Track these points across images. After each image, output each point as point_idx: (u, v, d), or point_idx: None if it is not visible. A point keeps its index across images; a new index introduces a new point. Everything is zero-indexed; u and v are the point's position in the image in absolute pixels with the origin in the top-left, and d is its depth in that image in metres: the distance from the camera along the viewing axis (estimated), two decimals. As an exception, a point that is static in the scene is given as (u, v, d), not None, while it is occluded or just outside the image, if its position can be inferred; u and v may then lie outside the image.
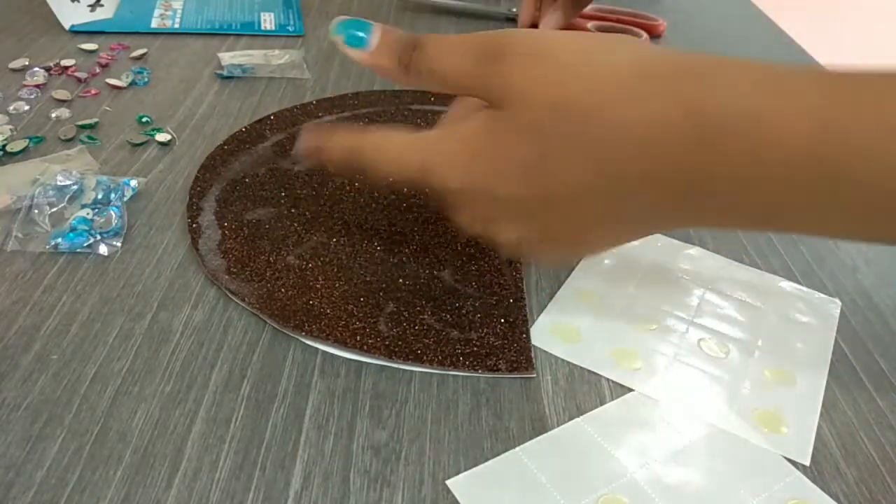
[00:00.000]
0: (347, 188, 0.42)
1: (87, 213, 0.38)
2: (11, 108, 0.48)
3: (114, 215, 0.37)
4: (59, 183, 0.39)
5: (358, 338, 0.32)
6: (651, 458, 0.28)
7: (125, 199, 0.39)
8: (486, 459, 0.28)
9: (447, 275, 0.37)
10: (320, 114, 0.50)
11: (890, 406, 0.32)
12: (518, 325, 0.34)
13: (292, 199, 0.41)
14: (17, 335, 0.32)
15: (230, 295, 0.34)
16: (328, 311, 0.33)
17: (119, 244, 0.37)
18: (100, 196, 0.39)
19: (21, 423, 0.28)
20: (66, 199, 0.39)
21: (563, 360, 0.32)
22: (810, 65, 0.27)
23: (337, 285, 0.35)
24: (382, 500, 0.26)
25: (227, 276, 0.35)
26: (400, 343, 0.32)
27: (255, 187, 0.42)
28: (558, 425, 0.29)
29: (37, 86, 0.51)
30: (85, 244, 0.36)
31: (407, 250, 0.38)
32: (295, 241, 0.38)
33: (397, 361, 0.31)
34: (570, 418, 0.30)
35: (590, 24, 0.67)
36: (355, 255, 0.37)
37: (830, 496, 0.27)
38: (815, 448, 0.29)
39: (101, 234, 0.37)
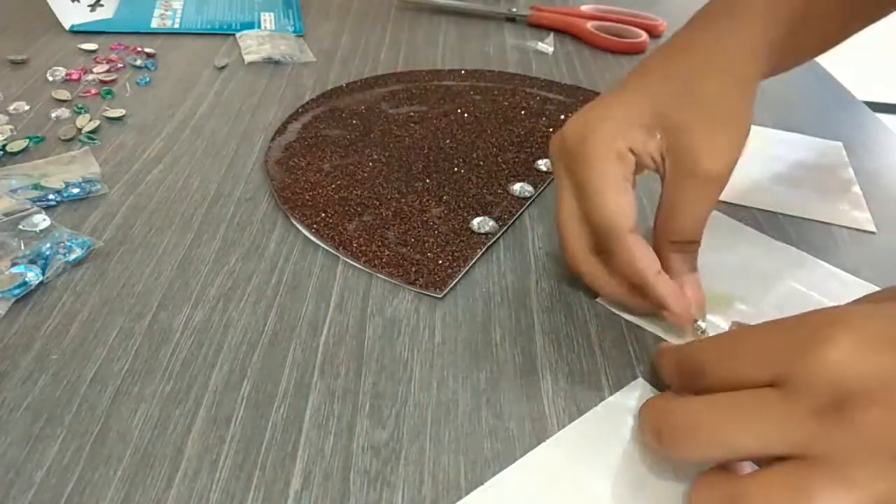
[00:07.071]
0: (391, 134, 0.49)
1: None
2: (11, 108, 0.48)
3: (28, 275, 0.34)
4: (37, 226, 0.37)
5: (327, 230, 0.39)
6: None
7: (61, 259, 0.36)
8: (486, 459, 0.28)
9: (436, 213, 0.41)
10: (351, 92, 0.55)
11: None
12: (459, 260, 0.37)
13: (344, 150, 0.47)
14: (17, 335, 0.32)
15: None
16: (322, 204, 0.41)
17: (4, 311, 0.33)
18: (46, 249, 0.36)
19: (21, 423, 0.28)
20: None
21: (563, 360, 0.32)
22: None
23: (340, 190, 0.42)
24: (382, 500, 0.26)
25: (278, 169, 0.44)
26: (353, 243, 0.38)
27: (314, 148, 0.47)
28: (558, 425, 0.29)
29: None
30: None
31: (419, 184, 0.43)
32: (340, 155, 0.46)
33: (342, 253, 0.37)
34: (570, 418, 0.30)
35: (589, 24, 0.67)
36: (378, 172, 0.44)
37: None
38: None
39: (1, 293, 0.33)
